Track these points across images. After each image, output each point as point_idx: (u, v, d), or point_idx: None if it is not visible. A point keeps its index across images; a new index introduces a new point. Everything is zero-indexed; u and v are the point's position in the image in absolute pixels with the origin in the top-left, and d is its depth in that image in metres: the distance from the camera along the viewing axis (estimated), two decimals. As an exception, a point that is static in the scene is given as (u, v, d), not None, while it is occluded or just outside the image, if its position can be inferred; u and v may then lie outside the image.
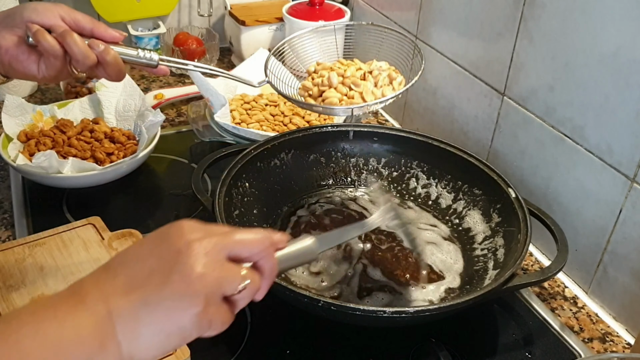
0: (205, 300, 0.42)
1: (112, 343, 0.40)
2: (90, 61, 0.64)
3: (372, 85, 0.79)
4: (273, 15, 1.34)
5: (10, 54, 0.64)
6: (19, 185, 0.96)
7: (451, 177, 0.93)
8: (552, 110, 0.85)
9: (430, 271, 0.82)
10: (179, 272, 0.41)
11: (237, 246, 0.45)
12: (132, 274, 0.42)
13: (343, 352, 0.73)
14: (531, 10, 0.85)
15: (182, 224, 0.45)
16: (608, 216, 0.80)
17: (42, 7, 0.65)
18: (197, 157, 1.05)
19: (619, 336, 0.80)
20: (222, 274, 0.43)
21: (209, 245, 0.43)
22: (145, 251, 0.44)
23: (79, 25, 0.65)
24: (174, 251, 0.42)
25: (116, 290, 0.41)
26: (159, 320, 0.41)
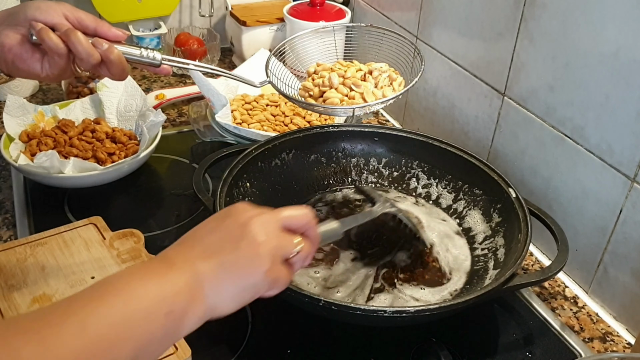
0: (270, 261, 0.50)
1: (200, 296, 0.48)
2: (94, 60, 0.64)
3: (373, 86, 0.79)
4: (274, 15, 1.34)
5: (14, 52, 0.64)
6: (21, 185, 0.97)
7: (452, 177, 0.93)
8: (552, 110, 0.85)
9: (440, 272, 0.82)
10: (246, 239, 0.50)
11: (287, 220, 0.54)
12: (206, 244, 0.50)
13: (344, 352, 0.73)
14: (532, 11, 0.86)
15: (239, 205, 0.54)
16: (608, 216, 0.80)
17: (46, 5, 0.65)
18: (198, 157, 1.05)
19: (620, 336, 0.80)
20: (280, 240, 0.52)
21: (265, 219, 0.52)
22: (213, 227, 0.52)
23: (82, 24, 0.66)
24: (239, 225, 0.51)
25: (197, 257, 0.49)
26: (236, 278, 0.49)
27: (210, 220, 0.53)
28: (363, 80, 0.79)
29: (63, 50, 0.63)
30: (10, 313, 0.70)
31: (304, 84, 0.81)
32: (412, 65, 0.83)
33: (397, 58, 0.86)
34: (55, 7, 0.65)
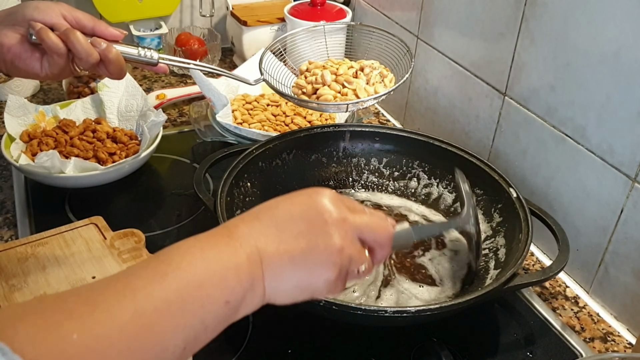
0: (339, 270, 0.48)
1: (260, 284, 0.46)
2: (93, 59, 0.64)
3: (365, 83, 0.80)
4: (275, 15, 1.34)
5: (13, 52, 0.64)
6: (22, 185, 0.97)
7: (452, 177, 0.93)
8: (553, 110, 0.85)
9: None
10: (324, 241, 0.47)
11: (367, 230, 0.50)
12: (282, 229, 0.47)
13: (344, 352, 0.73)
14: (532, 10, 0.86)
15: (328, 195, 0.50)
16: (609, 216, 0.80)
17: (44, 5, 0.65)
18: (199, 157, 1.05)
19: (620, 336, 0.80)
20: (354, 253, 0.49)
21: (348, 223, 0.49)
22: (295, 211, 0.48)
23: (80, 23, 0.66)
24: (322, 221, 0.48)
25: (268, 240, 0.47)
26: (299, 277, 0.47)
27: (298, 200, 0.50)
28: (355, 77, 0.80)
29: (62, 49, 0.63)
30: (11, 313, 0.70)
31: (297, 81, 0.82)
32: (403, 62, 0.83)
33: (389, 56, 0.87)
34: (53, 7, 0.65)
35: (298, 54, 0.96)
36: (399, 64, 0.85)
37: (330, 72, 0.80)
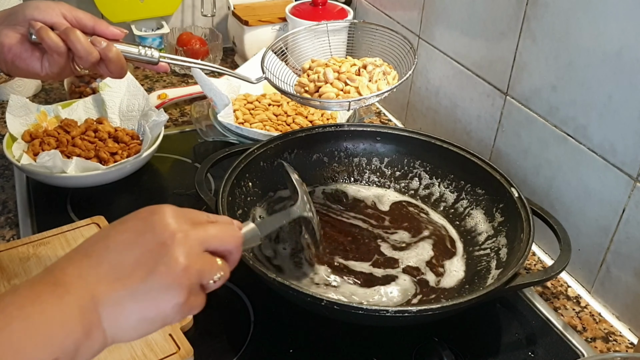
0: (187, 291, 0.44)
1: (98, 330, 0.42)
2: (93, 58, 0.64)
3: (367, 80, 0.80)
4: (276, 15, 1.34)
5: (14, 52, 0.64)
6: (23, 185, 0.97)
7: (454, 177, 0.93)
8: (555, 110, 0.85)
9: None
10: (165, 264, 0.44)
11: (214, 241, 0.48)
12: (116, 262, 0.43)
13: (346, 351, 0.73)
14: (534, 10, 0.85)
15: (164, 213, 0.47)
16: (611, 216, 0.80)
17: (44, 5, 0.65)
18: (201, 156, 1.05)
19: (622, 336, 0.80)
20: (203, 266, 0.46)
21: (190, 239, 0.46)
22: (128, 239, 0.45)
23: (80, 22, 0.66)
24: (159, 243, 0.44)
25: (100, 279, 0.43)
26: (144, 309, 0.43)
27: (129, 227, 0.46)
28: (358, 75, 0.80)
29: (62, 48, 0.63)
30: (13, 312, 0.71)
31: (300, 79, 0.82)
32: (406, 60, 0.83)
33: (392, 53, 0.86)
34: (53, 7, 0.65)
35: (300, 53, 0.96)
36: (402, 62, 0.84)
37: (333, 70, 0.80)
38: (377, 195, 0.96)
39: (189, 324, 0.72)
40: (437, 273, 0.82)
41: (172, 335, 0.69)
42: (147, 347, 0.68)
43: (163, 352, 0.67)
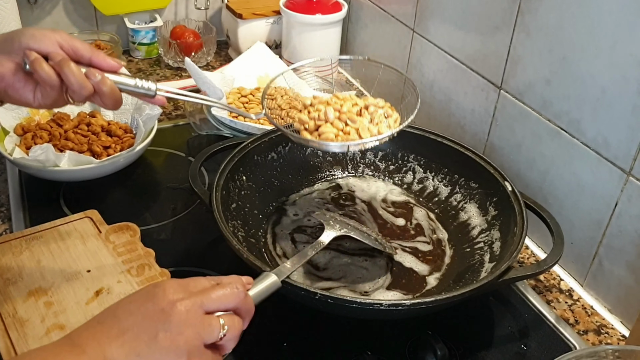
0: (187, 353, 0.49)
1: None
2: (86, 92, 0.63)
3: (368, 121, 0.78)
4: (270, 8, 1.34)
5: (7, 81, 0.63)
6: (16, 179, 0.96)
7: (448, 171, 0.93)
8: (548, 104, 0.85)
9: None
10: (164, 329, 0.48)
11: (213, 303, 0.52)
12: (124, 328, 0.49)
13: (340, 345, 0.73)
14: (528, 4, 0.85)
15: (165, 285, 0.51)
16: (604, 209, 0.80)
17: (40, 33, 0.63)
18: (194, 150, 1.05)
19: (614, 328, 0.80)
20: (201, 328, 0.50)
21: (188, 304, 0.50)
22: (133, 308, 0.50)
23: (77, 53, 0.64)
24: (159, 310, 0.49)
25: (111, 341, 0.48)
26: None
27: (135, 297, 0.51)
28: (359, 115, 0.78)
29: (55, 82, 0.62)
30: (7, 307, 0.70)
31: (299, 116, 0.79)
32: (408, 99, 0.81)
33: (393, 91, 0.85)
34: (50, 36, 0.63)
35: (301, 86, 0.95)
36: (403, 99, 0.82)
37: (334, 109, 0.78)
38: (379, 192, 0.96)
39: (183, 317, 0.72)
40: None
41: (166, 329, 0.69)
42: (141, 341, 0.68)
43: (157, 346, 0.67)
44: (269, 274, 0.62)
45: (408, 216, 0.91)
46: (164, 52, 1.33)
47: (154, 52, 1.38)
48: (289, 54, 1.32)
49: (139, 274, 0.76)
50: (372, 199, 0.94)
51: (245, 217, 0.85)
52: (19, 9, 1.16)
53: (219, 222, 0.74)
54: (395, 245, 0.85)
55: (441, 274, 0.82)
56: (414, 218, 0.91)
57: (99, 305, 0.72)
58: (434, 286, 0.80)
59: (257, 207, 0.88)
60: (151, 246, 0.81)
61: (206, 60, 1.36)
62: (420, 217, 0.91)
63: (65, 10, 1.31)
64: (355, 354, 0.71)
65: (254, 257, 0.69)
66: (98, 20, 1.35)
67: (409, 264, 0.83)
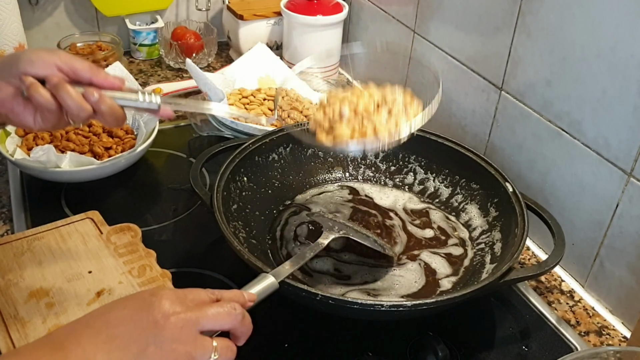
0: None
1: None
2: (85, 113, 0.62)
3: (387, 115, 0.74)
4: (271, 9, 1.34)
5: (7, 106, 0.63)
6: (17, 180, 0.96)
7: (449, 172, 0.93)
8: (549, 105, 0.85)
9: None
10: (155, 344, 0.47)
11: (209, 322, 0.50)
12: (113, 335, 0.47)
13: (341, 346, 0.73)
14: (529, 5, 0.86)
15: (162, 294, 0.50)
16: (605, 210, 0.80)
17: (38, 57, 0.63)
18: (196, 151, 1.05)
19: (615, 329, 0.80)
20: (193, 348, 0.48)
21: (183, 319, 0.48)
22: (127, 315, 0.48)
23: (77, 73, 0.63)
24: (152, 322, 0.47)
25: (98, 349, 0.46)
26: None
27: (129, 303, 0.49)
28: (377, 111, 0.74)
29: (52, 105, 0.61)
30: (8, 308, 0.70)
31: (315, 116, 0.77)
32: (430, 88, 0.78)
33: (413, 81, 0.81)
34: (47, 59, 0.63)
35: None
36: (423, 89, 0.78)
37: (350, 107, 0.74)
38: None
39: (184, 318, 0.72)
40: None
41: (167, 330, 0.69)
42: (142, 342, 0.68)
43: (158, 347, 0.67)
44: (267, 275, 0.62)
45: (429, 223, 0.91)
46: (165, 53, 1.33)
47: (155, 53, 1.38)
48: (290, 55, 1.32)
49: (140, 274, 0.76)
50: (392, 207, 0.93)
51: (246, 218, 0.85)
52: (20, 10, 1.16)
53: (220, 223, 0.74)
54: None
55: (458, 277, 0.82)
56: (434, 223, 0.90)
57: (100, 305, 0.72)
58: (448, 289, 0.80)
59: (258, 208, 0.88)
60: (152, 247, 0.81)
61: (207, 62, 1.36)
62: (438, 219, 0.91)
63: (67, 11, 1.32)
64: (356, 355, 0.71)
65: (255, 258, 0.69)
66: (99, 22, 1.35)
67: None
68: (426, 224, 0.90)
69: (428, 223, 0.90)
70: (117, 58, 1.19)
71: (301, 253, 0.70)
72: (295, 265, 0.67)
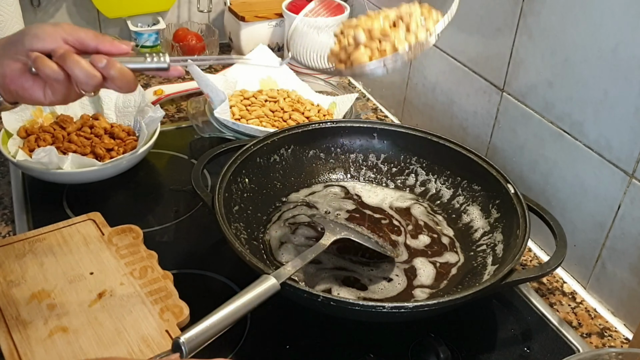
0: None
1: None
2: (95, 80, 0.62)
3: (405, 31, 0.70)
4: (272, 11, 1.34)
5: (16, 83, 0.63)
6: (19, 181, 0.97)
7: (450, 173, 0.93)
8: (551, 106, 0.85)
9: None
10: None
11: None
12: None
13: (342, 347, 0.73)
14: (531, 6, 0.86)
15: None
16: (607, 212, 0.80)
17: (43, 31, 0.63)
18: (197, 152, 1.05)
19: (617, 331, 0.80)
20: None
21: None
22: None
23: (83, 43, 0.63)
24: None
25: None
26: None
27: None
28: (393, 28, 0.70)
29: (60, 76, 0.61)
30: (10, 309, 0.71)
31: (332, 49, 0.73)
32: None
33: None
34: (52, 33, 0.63)
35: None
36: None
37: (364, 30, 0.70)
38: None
39: (186, 320, 0.72)
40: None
41: (169, 331, 0.69)
42: (143, 343, 0.68)
43: (159, 348, 0.67)
44: (269, 277, 0.62)
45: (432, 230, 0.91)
46: (167, 55, 1.33)
47: (156, 54, 1.38)
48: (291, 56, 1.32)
49: (142, 276, 0.77)
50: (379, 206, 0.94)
51: (247, 219, 0.85)
52: (22, 12, 1.16)
53: (221, 224, 0.74)
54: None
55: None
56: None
57: (101, 307, 0.72)
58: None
59: (259, 210, 0.88)
60: (154, 248, 0.81)
61: (209, 63, 1.36)
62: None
63: (69, 13, 1.32)
64: (357, 356, 0.70)
65: (257, 260, 0.69)
66: (101, 23, 1.36)
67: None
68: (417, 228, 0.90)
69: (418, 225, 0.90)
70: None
71: (303, 254, 0.70)
72: (297, 266, 0.67)
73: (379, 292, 0.78)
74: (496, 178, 0.85)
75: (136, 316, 0.71)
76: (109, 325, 0.70)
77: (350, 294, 0.77)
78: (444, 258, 0.84)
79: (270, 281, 0.62)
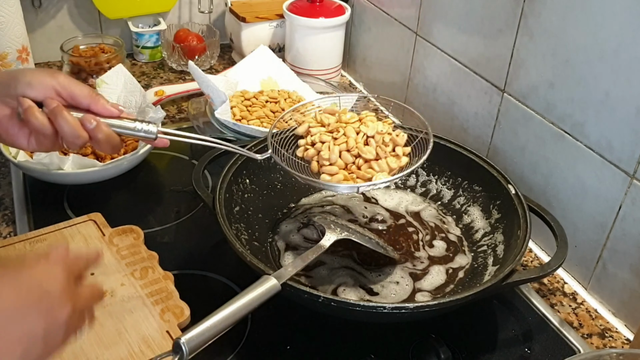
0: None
1: None
2: (80, 140, 0.62)
3: (374, 156, 0.76)
4: (273, 11, 1.34)
5: (2, 126, 0.62)
6: (20, 182, 0.97)
7: (451, 174, 0.93)
8: (552, 107, 0.85)
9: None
10: None
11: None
12: None
13: (343, 348, 0.73)
14: (531, 7, 0.86)
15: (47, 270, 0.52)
16: (608, 212, 0.80)
17: (37, 80, 0.62)
18: (198, 153, 1.05)
19: (618, 332, 0.80)
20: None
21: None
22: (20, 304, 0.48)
23: (75, 99, 0.63)
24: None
25: None
26: None
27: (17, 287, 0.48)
28: (366, 145, 0.76)
29: (48, 130, 0.61)
30: (10, 309, 0.70)
31: (306, 154, 0.79)
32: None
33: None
34: (46, 83, 0.62)
35: None
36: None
37: (339, 148, 0.76)
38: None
39: (186, 320, 0.72)
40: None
41: (170, 332, 0.69)
42: (144, 343, 0.68)
43: (160, 349, 0.67)
44: (269, 277, 0.62)
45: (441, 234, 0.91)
46: (168, 56, 1.33)
47: (157, 55, 1.38)
48: (292, 57, 1.33)
49: (143, 276, 0.77)
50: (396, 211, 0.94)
51: (248, 220, 0.85)
52: (24, 13, 1.16)
53: (222, 224, 0.74)
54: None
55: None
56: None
57: (102, 308, 0.72)
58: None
59: (260, 210, 0.88)
60: (154, 249, 0.81)
61: (210, 64, 1.36)
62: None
63: (70, 14, 1.32)
64: (358, 357, 0.70)
65: (257, 260, 0.69)
66: (102, 24, 1.36)
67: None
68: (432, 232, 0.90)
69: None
70: (119, 60, 1.19)
71: (303, 255, 0.70)
72: (297, 267, 0.67)
73: (390, 297, 0.78)
74: (497, 179, 0.85)
75: (137, 317, 0.71)
76: (110, 326, 0.70)
77: (358, 296, 0.77)
78: (456, 263, 0.84)
79: (271, 282, 0.62)
